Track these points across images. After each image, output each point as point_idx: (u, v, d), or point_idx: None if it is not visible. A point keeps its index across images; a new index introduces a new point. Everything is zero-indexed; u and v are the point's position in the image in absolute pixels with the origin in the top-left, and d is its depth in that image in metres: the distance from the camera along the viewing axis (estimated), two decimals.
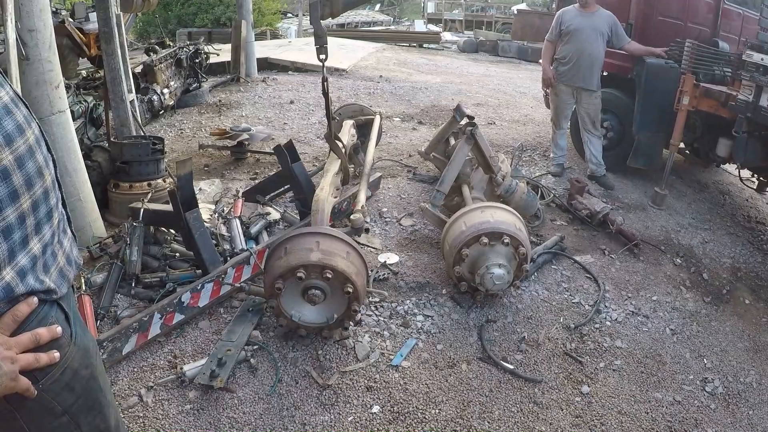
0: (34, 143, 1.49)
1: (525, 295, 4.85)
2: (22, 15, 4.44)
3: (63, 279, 1.57)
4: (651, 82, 6.94)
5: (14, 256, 1.39)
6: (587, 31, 6.89)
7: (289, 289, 3.82)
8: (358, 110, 7.27)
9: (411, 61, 18.00)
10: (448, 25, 34.20)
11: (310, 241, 3.84)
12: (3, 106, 1.39)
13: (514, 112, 11.48)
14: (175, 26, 23.77)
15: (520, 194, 5.63)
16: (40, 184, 1.48)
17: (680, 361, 4.47)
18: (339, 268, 3.70)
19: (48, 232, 1.53)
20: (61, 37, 12.85)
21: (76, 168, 5.05)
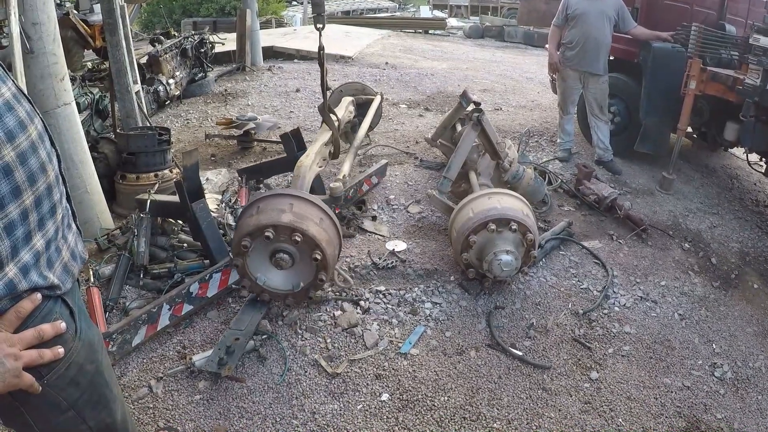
0: (37, 139, 1.48)
1: (533, 282, 4.85)
2: (25, 8, 4.45)
3: (67, 274, 1.58)
4: (658, 67, 6.88)
5: (17, 253, 1.39)
6: (594, 15, 6.83)
7: (256, 250, 3.77)
8: (359, 89, 7.24)
9: (417, 48, 17.93)
10: (454, 10, 34.12)
11: (283, 203, 3.80)
12: (4, 103, 1.39)
13: (520, 97, 11.43)
14: (179, 16, 23.78)
15: (527, 180, 5.61)
16: (43, 180, 1.48)
17: (689, 347, 4.46)
18: (309, 232, 3.63)
19: (51, 227, 1.53)
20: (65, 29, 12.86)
21: (82, 160, 5.07)
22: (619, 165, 7.32)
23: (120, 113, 6.94)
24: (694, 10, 7.51)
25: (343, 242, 4.14)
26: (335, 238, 3.90)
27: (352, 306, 4.28)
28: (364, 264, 4.81)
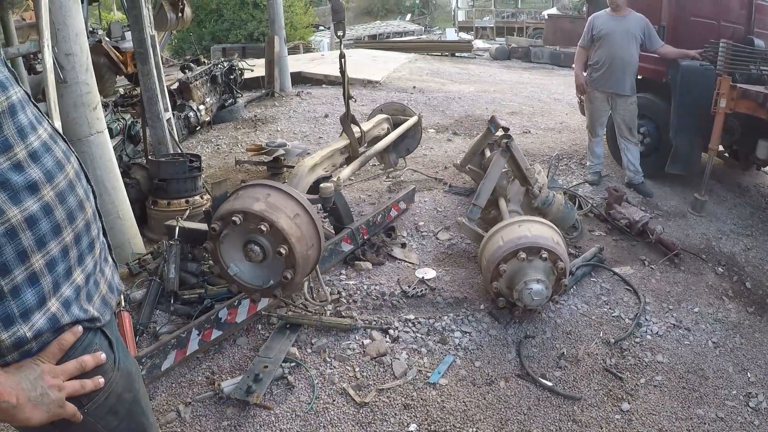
0: (74, 177, 1.52)
1: (564, 310, 4.80)
2: (59, 39, 4.58)
3: (106, 306, 1.61)
4: (686, 86, 6.79)
5: (59, 288, 1.43)
6: (619, 35, 6.81)
7: (230, 238, 3.68)
8: (399, 109, 7.20)
9: (444, 71, 18.00)
10: (480, 32, 34.24)
11: (261, 192, 3.70)
12: (42, 144, 1.43)
13: (549, 119, 11.40)
14: (209, 42, 24.18)
15: (557, 206, 5.57)
16: (81, 217, 1.52)
17: (723, 376, 4.36)
18: (278, 224, 3.49)
19: (90, 262, 1.57)
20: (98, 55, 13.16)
21: (114, 186, 5.17)
22: (650, 187, 7.24)
23: (151, 140, 7.04)
24: (722, 25, 7.43)
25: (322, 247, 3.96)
26: (311, 239, 3.75)
27: (381, 334, 4.27)
28: (393, 292, 4.80)
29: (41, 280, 1.38)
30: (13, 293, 1.32)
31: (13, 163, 1.32)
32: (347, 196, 6.19)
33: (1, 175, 1.29)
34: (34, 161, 1.38)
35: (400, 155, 6.96)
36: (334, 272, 5.06)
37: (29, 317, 1.36)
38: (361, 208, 6.42)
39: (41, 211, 1.37)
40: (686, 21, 7.34)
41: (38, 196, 1.37)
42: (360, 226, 5.40)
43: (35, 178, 1.37)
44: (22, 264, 1.34)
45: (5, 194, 1.30)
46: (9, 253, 1.31)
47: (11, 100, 1.34)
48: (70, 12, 4.66)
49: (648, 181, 7.29)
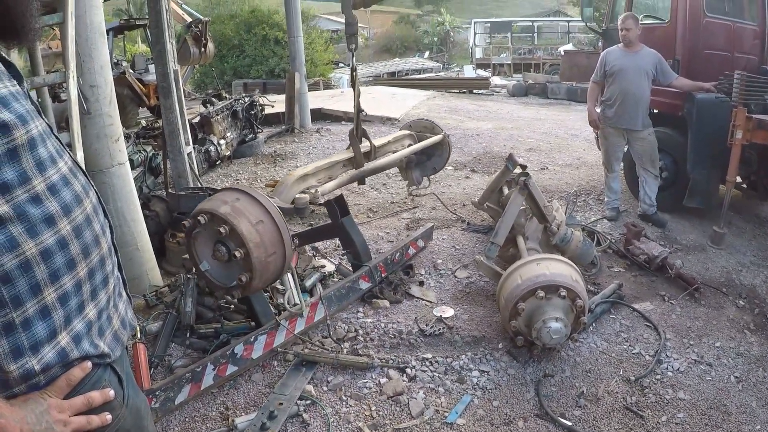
0: (92, 212, 1.55)
1: (583, 348, 4.75)
2: (84, 71, 4.71)
3: (117, 342, 1.63)
4: (702, 119, 6.79)
5: (70, 322, 1.45)
6: (632, 71, 6.84)
7: (203, 236, 3.78)
8: (428, 126, 7.17)
9: (461, 108, 18.10)
10: (497, 69, 34.41)
11: (231, 196, 3.82)
12: (61, 177, 1.46)
13: (566, 155, 11.41)
14: (231, 77, 24.51)
15: (575, 243, 5.56)
16: (96, 253, 1.55)
17: (746, 411, 4.26)
18: (237, 228, 3.58)
19: (104, 297, 1.59)
20: (121, 87, 13.45)
21: (134, 218, 5.26)
22: (664, 217, 7.24)
23: (172, 173, 7.14)
24: (735, 57, 7.46)
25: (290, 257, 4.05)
26: (272, 246, 3.81)
27: (398, 373, 4.25)
28: (410, 330, 4.80)
29: (53, 313, 1.40)
30: (24, 325, 1.35)
31: (31, 196, 1.36)
32: (365, 233, 6.21)
33: (19, 207, 1.33)
34: (53, 194, 1.42)
35: (426, 174, 6.91)
36: (351, 310, 5.07)
37: (39, 350, 1.38)
38: (379, 246, 6.44)
39: (57, 244, 1.40)
40: (700, 54, 7.36)
41: (54, 229, 1.40)
42: (378, 263, 5.42)
43: (52, 211, 1.40)
44: (34, 297, 1.36)
45: (22, 226, 1.33)
46: (22, 286, 1.33)
47: (31, 134, 1.37)
48: (96, 45, 4.80)
49: (665, 213, 7.28)
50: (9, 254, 1.30)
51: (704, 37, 7.35)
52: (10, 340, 1.33)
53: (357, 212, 7.68)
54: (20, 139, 1.33)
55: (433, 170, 7.00)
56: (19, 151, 1.34)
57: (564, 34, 38.39)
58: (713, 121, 6.69)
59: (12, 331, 1.33)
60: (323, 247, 6.32)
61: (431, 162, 6.90)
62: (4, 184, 1.30)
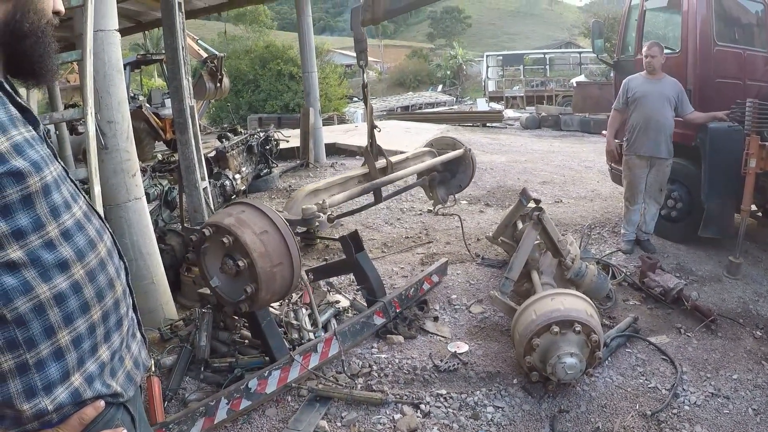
0: (106, 256, 1.59)
1: (599, 382, 4.72)
2: (101, 107, 4.81)
3: (130, 382, 1.66)
4: (716, 148, 6.78)
5: (83, 363, 1.49)
6: (654, 97, 6.83)
7: (212, 251, 3.79)
8: (450, 143, 7.12)
9: (475, 141, 18.15)
10: (510, 102, 34.62)
11: (237, 209, 3.85)
12: (75, 222, 1.50)
13: (580, 188, 11.41)
14: (246, 112, 24.80)
15: (590, 277, 5.55)
16: (110, 296, 1.58)
17: None
18: (241, 238, 3.56)
19: (117, 339, 1.62)
20: (138, 121, 13.67)
21: (150, 252, 5.32)
22: (653, 244, 7.34)
23: (187, 207, 7.20)
24: (747, 84, 7.43)
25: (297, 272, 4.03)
26: (278, 257, 3.79)
27: (412, 409, 4.24)
28: (425, 366, 4.79)
29: (66, 355, 1.44)
30: (38, 366, 1.38)
31: (45, 242, 1.40)
32: (379, 269, 6.22)
33: (33, 252, 1.37)
34: (66, 240, 1.46)
35: (451, 192, 6.87)
36: (365, 345, 5.08)
37: (52, 390, 1.41)
38: (394, 281, 6.46)
39: (70, 289, 1.44)
40: (711, 83, 7.36)
41: (68, 274, 1.44)
42: (392, 299, 5.44)
43: (66, 256, 1.44)
44: (48, 339, 1.40)
45: (35, 271, 1.37)
46: (36, 328, 1.37)
47: (45, 181, 1.41)
48: (114, 81, 4.91)
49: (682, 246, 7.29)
50: (23, 298, 1.34)
51: (715, 66, 7.35)
52: (24, 380, 1.36)
53: (371, 247, 7.71)
54: (34, 186, 1.37)
55: (459, 188, 6.93)
56: (33, 197, 1.38)
57: (576, 66, 38.65)
58: (726, 150, 6.69)
59: (26, 372, 1.37)
60: (338, 282, 6.35)
61: (456, 180, 6.84)
62: (18, 230, 1.34)
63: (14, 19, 1.46)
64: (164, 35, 7.20)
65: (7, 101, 1.38)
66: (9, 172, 1.31)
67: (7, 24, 1.46)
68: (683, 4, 7.44)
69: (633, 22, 8.46)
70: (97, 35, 4.68)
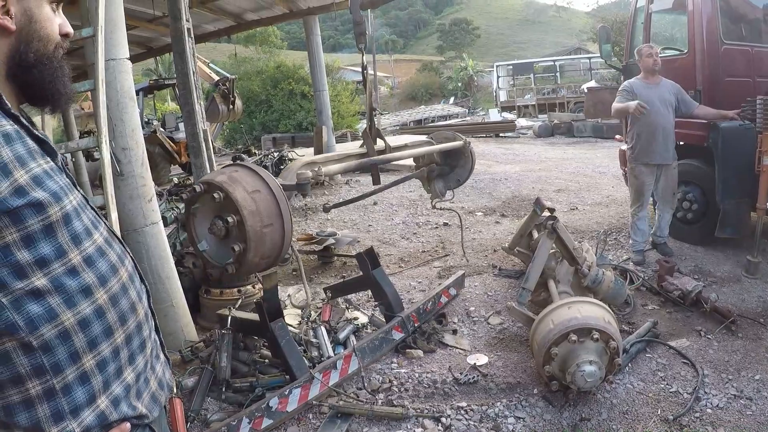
0: (127, 280, 1.63)
1: (619, 389, 4.71)
2: (116, 135, 4.89)
3: (155, 403, 1.69)
4: (728, 147, 6.77)
5: (109, 386, 1.52)
6: (657, 102, 6.80)
7: (202, 213, 3.75)
8: (450, 137, 7.15)
9: (488, 152, 18.19)
10: (522, 111, 34.63)
11: (230, 168, 3.81)
12: (97, 249, 1.54)
13: (595, 194, 11.39)
14: (259, 132, 24.95)
15: (607, 284, 5.54)
16: (133, 319, 1.62)
17: None
18: (232, 195, 3.49)
19: (141, 361, 1.66)
20: (153, 145, 13.78)
21: (168, 276, 5.38)
22: (670, 247, 7.37)
23: None
24: (757, 81, 7.42)
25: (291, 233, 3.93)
26: (269, 217, 3.70)
27: (433, 423, 4.25)
28: (445, 379, 4.80)
29: (92, 379, 1.48)
30: (64, 391, 1.42)
31: (68, 269, 1.43)
32: (397, 284, 6.24)
33: (56, 280, 1.40)
34: (89, 266, 1.49)
35: (449, 186, 6.88)
36: (385, 361, 5.09)
37: (79, 414, 1.45)
38: (411, 296, 6.48)
39: (94, 314, 1.48)
40: (721, 82, 7.35)
41: (92, 299, 1.48)
42: (410, 313, 5.47)
43: (89, 282, 1.48)
44: (73, 364, 1.44)
45: (60, 298, 1.41)
46: (62, 354, 1.41)
47: (65, 210, 1.44)
48: (126, 109, 4.99)
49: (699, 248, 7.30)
50: (48, 325, 1.38)
51: (724, 65, 7.34)
52: (51, 405, 1.40)
53: (388, 262, 7.74)
54: (54, 215, 1.41)
55: (457, 182, 6.89)
56: (55, 227, 1.41)
57: (586, 71, 38.57)
58: (739, 149, 6.67)
59: (53, 397, 1.40)
60: (356, 299, 6.38)
61: (454, 174, 6.80)
62: (41, 258, 1.38)
63: (19, 51, 1.50)
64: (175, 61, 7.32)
65: (25, 135, 1.42)
66: (30, 204, 1.35)
67: (12, 57, 1.50)
68: (688, 4, 7.44)
69: (639, 25, 8.48)
70: (109, 64, 4.78)
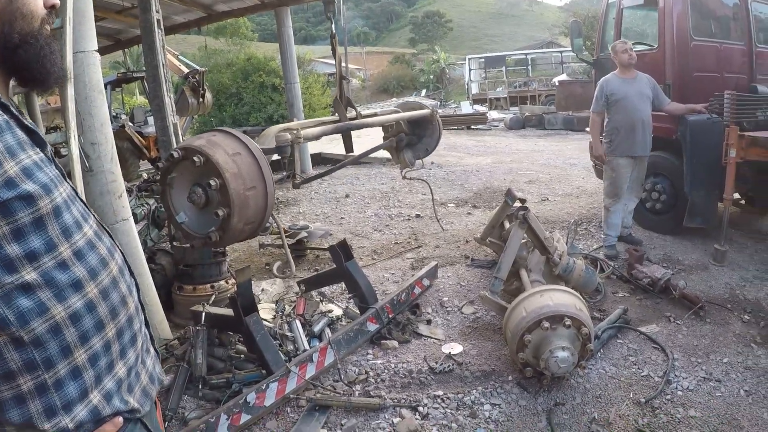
0: (118, 274, 1.63)
1: (592, 374, 4.80)
2: (84, 129, 4.78)
3: (146, 397, 1.70)
4: (696, 140, 6.94)
5: (101, 381, 1.53)
6: (635, 96, 6.90)
7: (179, 182, 3.67)
8: (416, 106, 7.18)
9: (460, 145, 18.28)
10: (494, 103, 34.73)
11: (208, 134, 3.76)
12: (87, 242, 1.53)
13: (566, 185, 11.54)
14: (230, 125, 24.62)
15: (578, 272, 5.63)
16: (124, 313, 1.62)
17: (758, 423, 4.27)
18: (213, 158, 3.42)
19: (132, 355, 1.66)
20: (121, 140, 13.62)
21: (140, 272, 5.30)
22: (639, 236, 7.59)
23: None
24: (725, 77, 7.60)
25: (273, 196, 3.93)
26: (251, 180, 3.65)
27: (410, 412, 4.29)
28: (420, 369, 4.85)
29: (84, 374, 1.48)
30: (57, 386, 1.42)
31: (58, 262, 1.43)
32: (370, 275, 6.27)
33: (47, 274, 1.40)
34: (79, 259, 1.49)
35: (418, 155, 6.88)
36: (361, 352, 5.12)
37: (71, 409, 1.45)
38: (385, 287, 6.52)
39: (85, 307, 1.48)
40: (690, 77, 7.51)
41: (82, 293, 1.48)
42: (384, 305, 5.49)
43: (79, 276, 1.48)
44: (65, 358, 1.44)
45: (50, 292, 1.41)
46: (53, 348, 1.41)
47: (56, 202, 1.44)
48: (95, 103, 4.88)
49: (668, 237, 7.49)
50: (39, 319, 1.38)
51: (693, 60, 7.50)
52: (44, 400, 1.40)
53: (362, 255, 7.77)
54: (45, 208, 1.40)
55: (426, 151, 6.91)
56: (45, 219, 1.41)
57: (558, 65, 38.85)
58: (707, 142, 6.84)
59: (45, 392, 1.41)
60: (329, 291, 6.40)
61: (422, 144, 6.83)
62: (31, 252, 1.38)
63: (2, 32, 1.48)
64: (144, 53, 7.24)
65: (14, 125, 1.41)
66: (20, 196, 1.35)
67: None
68: (659, 1, 7.57)
69: (611, 20, 8.61)
70: (77, 57, 4.69)
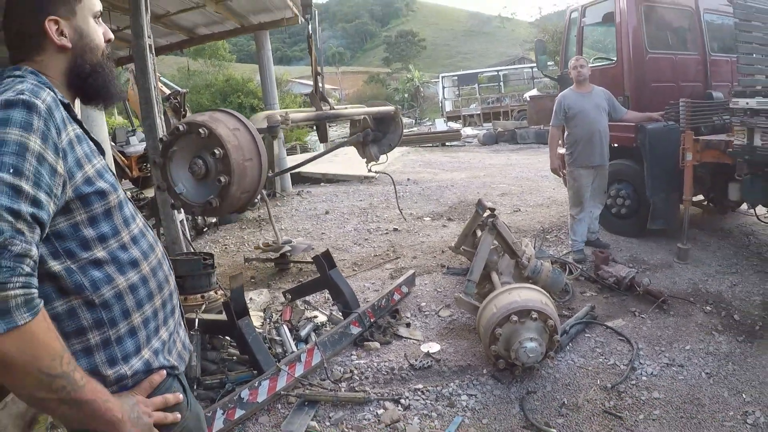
0: (162, 258, 2.03)
1: (562, 365, 5.13)
2: None
3: (181, 360, 2.08)
4: (655, 147, 7.30)
5: (150, 341, 1.91)
6: (591, 110, 7.25)
7: (179, 155, 3.84)
8: (381, 104, 7.53)
9: (435, 161, 18.66)
10: (467, 120, 35.05)
11: (209, 112, 3.99)
12: (139, 231, 1.94)
13: (537, 196, 11.94)
14: None
15: (546, 272, 5.98)
16: (167, 288, 2.02)
17: (719, 401, 4.60)
18: (216, 131, 3.64)
19: (172, 323, 2.05)
20: None
21: None
22: (605, 240, 7.91)
23: (165, 240, 7.49)
24: (681, 86, 8.04)
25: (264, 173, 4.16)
26: (249, 152, 3.88)
27: (393, 404, 4.59)
28: (401, 366, 5.16)
29: (138, 333, 1.86)
30: (118, 341, 1.79)
31: (120, 244, 1.83)
32: (352, 285, 6.53)
33: (112, 252, 1.80)
34: (135, 244, 1.90)
35: (383, 150, 7.22)
36: (345, 354, 5.41)
37: (129, 360, 1.82)
38: (366, 296, 6.81)
39: (140, 281, 1.87)
40: (647, 88, 7.96)
41: (138, 269, 1.87)
42: (366, 310, 5.79)
43: (136, 256, 1.88)
44: (125, 320, 1.82)
45: (114, 267, 1.80)
46: (116, 311, 1.79)
47: (120, 198, 1.85)
48: (96, 122, 5.00)
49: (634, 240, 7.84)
50: (107, 287, 1.76)
51: (649, 72, 7.94)
52: (107, 352, 1.77)
53: (342, 267, 8.04)
54: (113, 201, 1.80)
55: (389, 147, 7.23)
56: (112, 211, 1.81)
57: (529, 80, 39.24)
58: (665, 148, 7.23)
59: (108, 346, 1.77)
60: (314, 300, 6.69)
61: (387, 139, 7.18)
62: (102, 235, 1.77)
63: (76, 64, 1.87)
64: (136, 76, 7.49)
65: (86, 136, 1.79)
66: (96, 192, 1.74)
67: (71, 70, 1.87)
68: (616, 17, 8.01)
69: (573, 37, 9.03)
70: None
